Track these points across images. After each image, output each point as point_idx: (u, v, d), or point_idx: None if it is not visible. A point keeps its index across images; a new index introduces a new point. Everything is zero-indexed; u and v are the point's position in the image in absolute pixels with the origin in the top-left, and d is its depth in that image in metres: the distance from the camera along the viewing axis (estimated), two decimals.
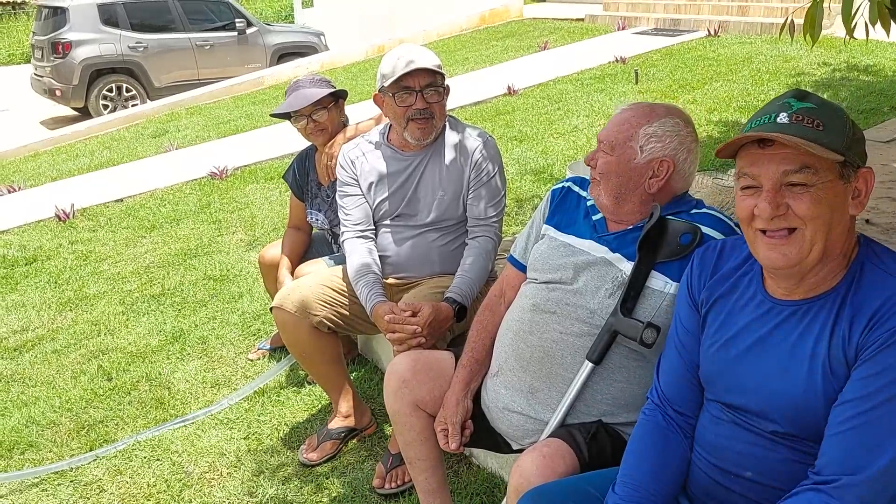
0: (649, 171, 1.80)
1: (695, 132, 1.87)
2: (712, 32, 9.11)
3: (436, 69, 2.43)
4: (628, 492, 1.44)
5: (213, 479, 2.69)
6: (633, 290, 1.75)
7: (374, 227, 2.64)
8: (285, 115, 3.00)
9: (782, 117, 1.25)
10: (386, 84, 2.44)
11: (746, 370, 1.36)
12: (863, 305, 1.23)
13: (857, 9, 2.45)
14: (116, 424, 3.10)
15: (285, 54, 12.06)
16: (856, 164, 1.26)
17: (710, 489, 1.44)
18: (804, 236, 1.25)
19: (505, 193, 2.61)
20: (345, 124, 3.08)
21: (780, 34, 3.01)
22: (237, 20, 11.62)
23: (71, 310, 4.29)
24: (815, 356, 1.26)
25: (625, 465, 1.50)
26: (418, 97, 2.43)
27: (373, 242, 2.62)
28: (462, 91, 8.02)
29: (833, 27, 7.50)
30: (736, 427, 1.38)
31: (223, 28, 11.61)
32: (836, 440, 1.21)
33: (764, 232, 1.28)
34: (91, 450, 2.94)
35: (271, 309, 2.62)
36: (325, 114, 2.95)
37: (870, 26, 2.61)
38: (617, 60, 8.40)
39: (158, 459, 2.83)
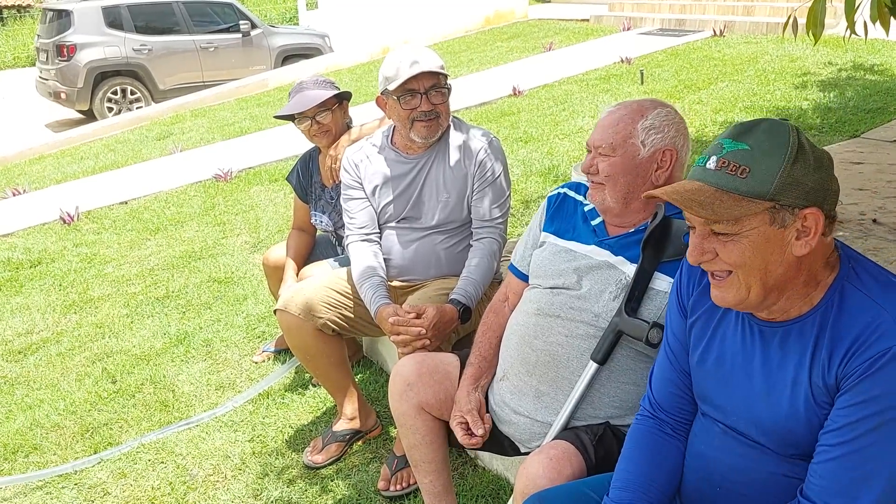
0: (654, 164, 1.79)
1: (683, 119, 1.87)
2: (717, 32, 9.08)
3: (439, 71, 2.42)
4: (621, 495, 1.43)
5: (217, 481, 2.68)
6: (638, 290, 1.74)
7: (378, 231, 2.63)
8: (289, 117, 2.99)
9: (711, 162, 1.22)
10: (390, 87, 2.42)
11: (731, 392, 1.35)
12: (842, 332, 1.20)
13: (859, 5, 2.43)
14: (121, 427, 3.10)
15: (290, 56, 12.06)
16: (795, 206, 1.19)
17: (700, 499, 1.43)
18: (738, 280, 1.23)
19: (510, 194, 2.59)
20: (349, 126, 3.07)
21: (784, 32, 2.98)
22: (241, 22, 11.63)
23: (75, 312, 4.29)
24: (797, 383, 1.24)
25: (618, 470, 1.49)
26: (423, 99, 2.41)
27: (377, 245, 2.61)
28: (467, 92, 8.01)
29: (838, 27, 7.47)
30: (725, 438, 1.37)
31: (227, 30, 11.62)
32: (823, 468, 1.21)
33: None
34: (95, 453, 2.94)
35: (275, 311, 2.61)
36: (329, 115, 2.94)
37: (869, 25, 2.59)
38: (622, 61, 8.38)
39: (163, 462, 2.82)
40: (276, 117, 3.07)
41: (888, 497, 1.17)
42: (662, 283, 1.74)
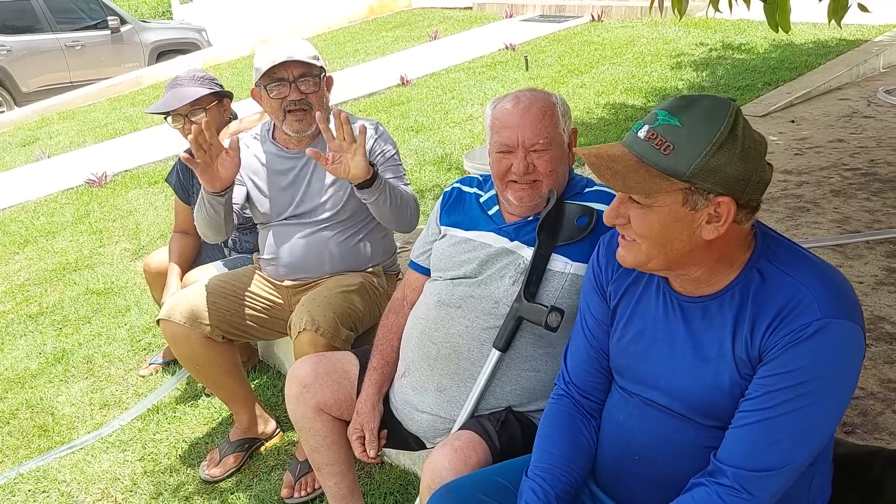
0: (568, 147, 1.84)
1: None
2: (596, 17, 9.33)
3: (310, 61, 2.32)
4: (541, 475, 1.42)
5: None
6: (535, 274, 1.73)
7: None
8: (164, 114, 2.81)
9: (643, 131, 1.20)
10: (259, 78, 2.32)
11: (653, 367, 1.36)
12: (763, 307, 1.22)
13: None
14: None
15: (165, 52, 11.51)
16: (710, 191, 1.18)
17: (617, 474, 1.43)
18: (639, 248, 1.26)
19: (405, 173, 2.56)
20: (231, 121, 2.92)
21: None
22: (109, 18, 10.96)
23: None
24: (722, 357, 1.26)
25: (536, 450, 1.48)
26: (292, 88, 2.32)
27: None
28: (355, 83, 7.89)
29: (707, 8, 7.81)
30: (645, 409, 1.38)
31: (95, 27, 10.95)
32: (739, 433, 1.23)
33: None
34: None
35: (158, 321, 2.45)
36: (204, 115, 2.77)
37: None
38: (507, 47, 8.47)
39: (45, 491, 2.61)
40: (148, 113, 2.89)
41: (797, 460, 1.19)
42: (558, 264, 1.74)
